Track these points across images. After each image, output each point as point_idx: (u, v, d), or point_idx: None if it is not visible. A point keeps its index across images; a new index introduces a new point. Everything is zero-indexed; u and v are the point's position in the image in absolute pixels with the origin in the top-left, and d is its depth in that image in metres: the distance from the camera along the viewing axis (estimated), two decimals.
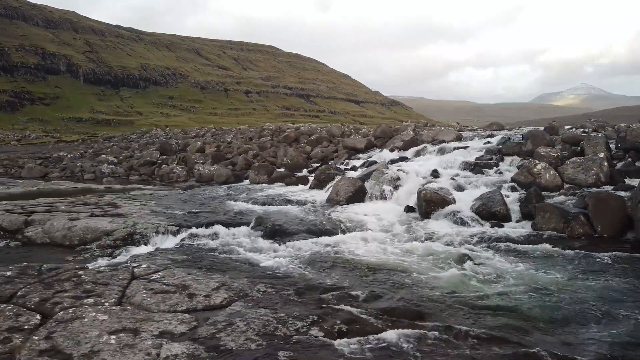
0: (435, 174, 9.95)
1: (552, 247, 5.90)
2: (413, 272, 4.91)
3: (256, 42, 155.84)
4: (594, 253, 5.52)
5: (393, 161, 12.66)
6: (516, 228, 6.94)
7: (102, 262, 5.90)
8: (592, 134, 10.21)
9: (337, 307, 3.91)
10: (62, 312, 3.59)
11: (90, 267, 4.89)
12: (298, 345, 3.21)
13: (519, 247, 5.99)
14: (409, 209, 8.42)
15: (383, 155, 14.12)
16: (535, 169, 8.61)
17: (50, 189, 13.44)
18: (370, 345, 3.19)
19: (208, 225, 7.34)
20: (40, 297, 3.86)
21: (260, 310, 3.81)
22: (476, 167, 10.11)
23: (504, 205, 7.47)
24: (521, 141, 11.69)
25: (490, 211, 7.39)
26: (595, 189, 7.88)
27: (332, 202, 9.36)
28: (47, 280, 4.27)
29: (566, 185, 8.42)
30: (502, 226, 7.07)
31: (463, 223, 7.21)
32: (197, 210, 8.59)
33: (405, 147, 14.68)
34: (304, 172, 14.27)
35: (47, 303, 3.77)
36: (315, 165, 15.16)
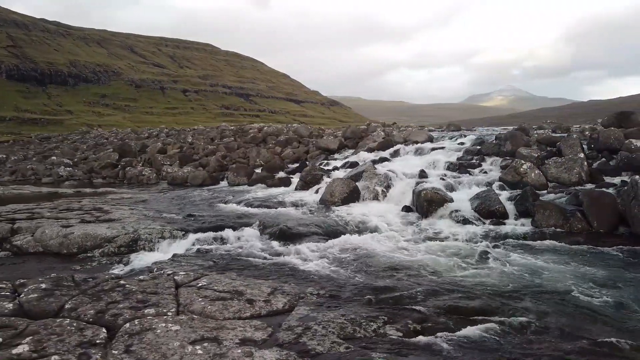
0: (423, 174, 10.23)
1: (560, 242, 6.26)
2: (446, 270, 5.06)
3: (193, 40, 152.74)
4: (602, 247, 5.93)
5: (374, 162, 12.85)
6: (517, 225, 7.28)
7: (117, 270, 5.66)
8: (568, 136, 10.86)
9: (398, 307, 3.97)
10: (127, 324, 3.42)
11: (127, 276, 4.66)
12: (385, 346, 3.24)
13: (530, 243, 6.31)
14: (406, 209, 8.61)
15: (361, 155, 14.30)
16: (521, 169, 9.06)
17: (12, 194, 12.57)
18: (454, 342, 3.28)
19: (214, 229, 7.17)
20: (95, 310, 3.65)
21: (327, 313, 3.80)
22: (461, 167, 10.49)
23: (501, 203, 7.82)
24: (494, 141, 12.25)
25: (489, 210, 7.71)
26: (579, 187, 8.42)
27: (326, 203, 9.39)
28: (90, 292, 4.03)
29: (551, 184, 8.92)
30: (503, 224, 7.40)
31: (465, 221, 7.48)
32: (193, 214, 8.35)
33: (380, 148, 14.94)
34: (281, 173, 14.19)
35: (105, 315, 3.57)
36: (291, 166, 15.12)
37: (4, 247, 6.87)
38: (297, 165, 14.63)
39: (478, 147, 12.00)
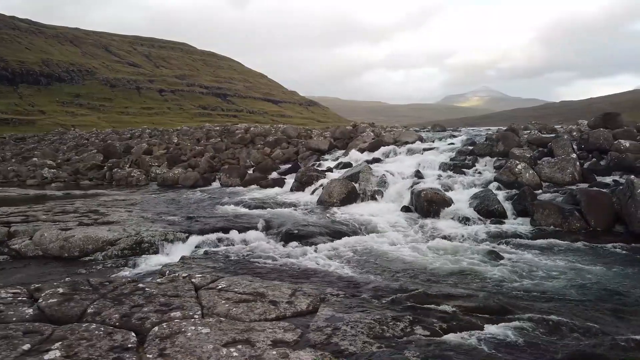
0: (418, 174, 10.34)
1: (561, 241, 6.42)
2: (459, 269, 5.14)
3: (168, 39, 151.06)
4: (603, 245, 6.11)
5: (367, 162, 12.93)
6: (517, 225, 7.43)
7: (125, 273, 5.61)
8: (558, 137, 11.11)
9: (420, 306, 4.02)
10: (155, 327, 3.38)
11: (143, 280, 4.61)
12: (416, 345, 3.28)
13: (532, 242, 6.46)
14: (405, 209, 8.69)
15: (353, 156, 14.37)
16: (516, 169, 9.25)
17: None
18: (484, 340, 3.34)
19: (217, 231, 7.13)
20: (120, 314, 3.60)
21: (352, 314, 3.83)
22: (455, 168, 10.64)
23: (500, 203, 7.97)
24: (485, 142, 12.44)
25: (488, 209, 7.85)
26: (573, 187, 8.62)
27: (325, 203, 9.42)
28: (110, 296, 3.98)
29: (545, 184, 9.12)
30: (503, 223, 7.55)
31: (467, 221, 7.60)
32: (193, 216, 8.28)
33: (371, 149, 15.02)
34: (274, 174, 14.16)
35: (131, 319, 3.53)
36: (282, 167, 15.09)
37: (2, 251, 6.73)
38: (290, 166, 14.61)
39: (470, 147, 12.18)
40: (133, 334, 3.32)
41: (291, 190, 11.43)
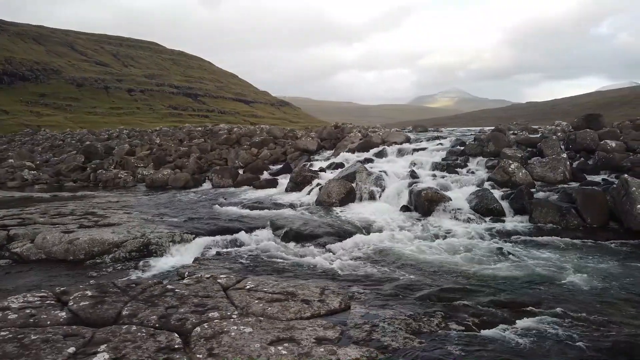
0: (414, 174, 10.50)
1: (562, 238, 6.66)
2: (472, 266, 5.28)
3: (137, 38, 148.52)
4: (602, 242, 6.38)
5: (358, 162, 13.04)
6: (515, 222, 7.65)
7: (138, 275, 5.57)
8: (547, 137, 11.45)
9: (447, 303, 4.14)
10: (197, 328, 3.39)
11: (169, 281, 4.59)
12: (454, 340, 3.38)
13: (534, 239, 6.67)
14: (405, 208, 8.83)
15: (344, 156, 14.46)
16: (509, 169, 9.50)
17: None
18: (517, 333, 3.47)
19: (223, 232, 7.12)
20: (157, 315, 3.59)
21: (385, 310, 3.92)
22: (449, 168, 10.85)
23: (498, 202, 8.19)
24: (474, 142, 12.71)
25: (487, 207, 8.06)
26: (565, 186, 8.92)
27: (324, 203, 9.48)
28: (141, 298, 3.95)
29: (537, 183, 9.39)
30: (503, 221, 7.75)
31: (468, 220, 7.78)
32: (194, 217, 8.24)
33: (360, 149, 15.16)
34: (265, 174, 14.14)
35: (170, 320, 3.52)
36: (273, 167, 15.08)
37: (3, 254, 6.57)
38: (281, 166, 14.61)
39: (461, 147, 12.43)
40: (176, 334, 3.32)
41: (286, 190, 11.44)
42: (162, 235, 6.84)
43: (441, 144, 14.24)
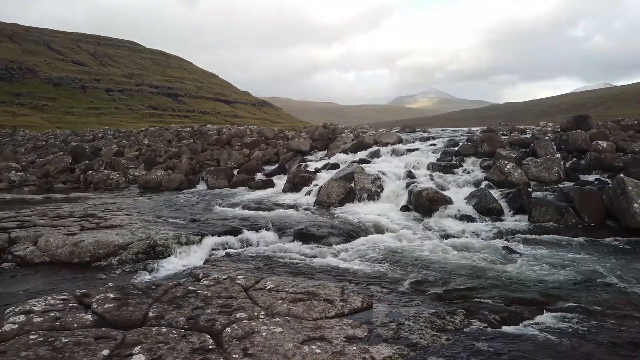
0: (411, 174, 10.61)
1: (562, 236, 6.83)
2: (483, 265, 5.40)
3: (115, 37, 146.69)
4: (602, 239, 6.57)
5: (353, 163, 13.11)
6: (515, 221, 7.81)
7: (149, 276, 5.55)
8: (540, 138, 11.69)
9: (466, 300, 4.23)
10: (227, 328, 3.41)
11: (186, 282, 4.58)
12: (481, 337, 3.47)
13: (537, 237, 6.82)
14: (405, 208, 8.93)
15: (339, 157, 14.52)
16: (505, 169, 9.68)
17: None
18: (539, 329, 3.57)
19: (228, 233, 7.11)
20: (184, 316, 3.60)
21: (407, 309, 3.99)
22: (445, 168, 11.00)
23: (497, 201, 8.34)
24: (468, 143, 12.89)
25: (487, 207, 8.20)
26: (561, 185, 9.13)
27: (324, 204, 9.54)
28: (165, 299, 3.95)
29: (532, 183, 9.59)
30: (503, 220, 7.91)
31: (469, 219, 7.91)
32: (197, 218, 8.20)
33: (353, 150, 15.23)
34: (259, 175, 14.12)
35: (199, 321, 3.54)
36: (267, 168, 15.07)
37: (5, 257, 6.46)
38: (275, 167, 14.61)
39: (454, 148, 12.61)
40: (207, 335, 3.34)
41: (283, 191, 11.45)
42: (168, 237, 6.80)
43: (434, 144, 14.40)
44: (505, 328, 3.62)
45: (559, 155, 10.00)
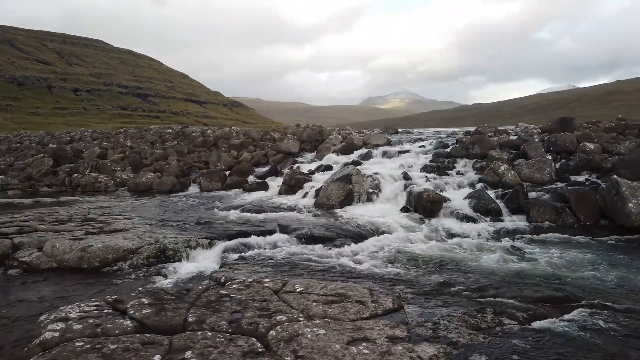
0: (406, 176, 10.80)
1: (562, 235, 7.11)
2: (496, 264, 5.58)
3: (81, 35, 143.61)
4: (601, 238, 6.86)
5: (346, 164, 13.24)
6: (515, 222, 8.06)
7: (165, 281, 5.53)
8: (530, 140, 12.03)
9: (490, 299, 4.38)
10: (272, 331, 3.47)
11: (215, 285, 4.60)
12: (515, 334, 3.61)
13: (538, 237, 7.08)
14: (405, 209, 9.10)
15: (331, 159, 14.62)
16: (499, 170, 9.95)
17: None
18: (567, 325, 3.74)
19: (237, 236, 7.13)
20: (226, 320, 3.63)
21: (438, 309, 4.11)
22: (439, 169, 11.22)
23: (495, 202, 8.58)
24: (457, 145, 13.16)
25: (486, 208, 8.43)
26: (553, 186, 9.45)
27: (324, 206, 9.61)
28: (200, 304, 3.97)
29: (525, 184, 9.87)
30: (502, 220, 8.15)
31: (469, 220, 8.11)
32: (200, 221, 8.17)
33: (344, 151, 15.38)
34: (251, 177, 14.10)
35: (242, 324, 3.57)
36: (258, 170, 15.05)
37: (11, 264, 6.33)
38: (267, 169, 14.60)
39: (446, 150, 12.86)
40: (254, 339, 3.39)
41: (279, 193, 11.48)
42: (177, 241, 6.77)
43: (423, 146, 14.64)
44: (534, 325, 3.78)
45: (550, 157, 10.32)
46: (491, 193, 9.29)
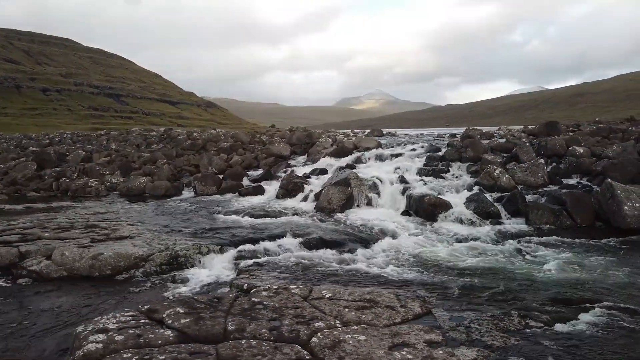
0: (404, 180, 10.96)
1: (562, 237, 7.38)
2: (507, 268, 5.76)
3: (50, 34, 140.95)
4: (599, 240, 7.16)
5: (342, 168, 13.35)
6: (514, 224, 8.29)
7: (183, 288, 5.57)
8: (521, 144, 12.36)
9: (511, 302, 4.55)
10: (314, 338, 3.55)
11: (247, 292, 4.65)
12: (543, 336, 3.77)
13: (540, 239, 7.32)
14: (406, 213, 9.25)
15: (324, 162, 14.69)
16: (494, 173, 10.21)
17: None
18: (587, 327, 3.92)
19: (246, 241, 7.17)
20: (265, 328, 3.69)
21: (466, 312, 4.25)
22: (434, 173, 11.43)
23: (494, 205, 8.82)
24: (450, 148, 13.40)
25: (486, 211, 8.65)
26: (546, 189, 9.74)
27: (325, 210, 9.70)
28: (235, 312, 4.02)
29: (519, 187, 10.15)
30: (502, 223, 8.38)
31: (471, 222, 8.33)
32: (206, 227, 8.17)
33: (336, 155, 15.45)
34: (245, 181, 14.09)
35: (282, 332, 3.64)
36: (251, 174, 15.04)
37: (19, 273, 6.26)
38: (261, 173, 14.60)
39: (439, 153, 13.10)
40: (298, 346, 3.46)
41: (277, 197, 11.52)
42: (188, 248, 6.78)
43: (414, 149, 14.85)
44: (559, 327, 3.95)
45: (542, 161, 10.63)
46: (488, 196, 9.53)
